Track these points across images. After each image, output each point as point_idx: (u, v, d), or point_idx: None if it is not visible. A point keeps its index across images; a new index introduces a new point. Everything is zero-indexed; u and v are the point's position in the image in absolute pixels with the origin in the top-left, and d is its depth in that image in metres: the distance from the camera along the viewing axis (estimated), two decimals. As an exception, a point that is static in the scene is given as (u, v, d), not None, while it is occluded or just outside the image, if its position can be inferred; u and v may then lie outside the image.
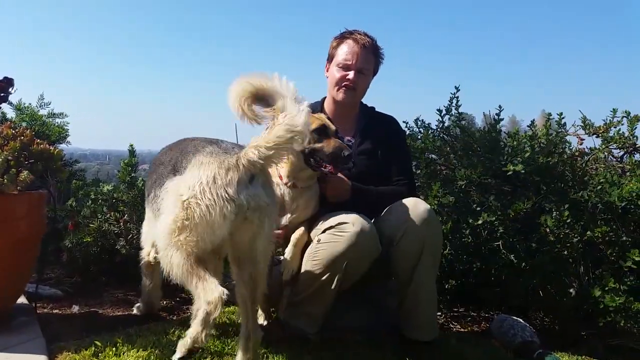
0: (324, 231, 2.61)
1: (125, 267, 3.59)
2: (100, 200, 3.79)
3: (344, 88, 2.95)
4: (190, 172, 2.18)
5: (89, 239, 3.58)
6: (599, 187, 3.04)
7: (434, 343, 2.74)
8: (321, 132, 2.67)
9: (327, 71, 3.07)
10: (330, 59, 3.05)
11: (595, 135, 3.48)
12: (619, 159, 3.56)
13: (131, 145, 3.78)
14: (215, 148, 2.23)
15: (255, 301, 2.37)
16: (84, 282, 3.63)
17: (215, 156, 2.18)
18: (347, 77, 2.92)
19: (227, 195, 2.09)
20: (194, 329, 2.34)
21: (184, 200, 2.11)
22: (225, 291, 2.14)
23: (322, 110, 3.04)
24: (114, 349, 2.42)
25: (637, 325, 2.98)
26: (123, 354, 2.40)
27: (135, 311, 3.15)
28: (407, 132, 3.99)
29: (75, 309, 3.17)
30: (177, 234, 2.13)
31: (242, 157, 2.13)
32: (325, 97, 3.14)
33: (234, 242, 2.28)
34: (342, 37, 3.00)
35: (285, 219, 2.77)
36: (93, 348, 2.41)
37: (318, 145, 2.64)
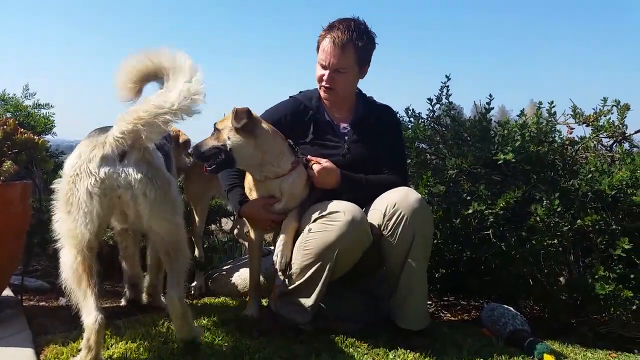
0: (314, 220, 2.59)
1: (113, 258, 3.54)
2: (86, 191, 3.72)
3: (323, 87, 2.94)
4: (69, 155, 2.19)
5: (75, 231, 3.52)
6: (589, 176, 3.05)
7: (425, 332, 2.74)
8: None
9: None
10: (317, 50, 3.01)
11: (585, 124, 3.49)
12: (608, 148, 3.57)
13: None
14: (99, 131, 2.21)
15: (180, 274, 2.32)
16: (71, 274, 3.57)
17: (91, 137, 2.16)
18: (324, 77, 2.90)
19: (88, 171, 2.04)
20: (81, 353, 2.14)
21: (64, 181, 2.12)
22: (100, 318, 2.08)
23: (320, 97, 3.01)
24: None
25: (626, 312, 3.00)
26: (111, 346, 2.37)
27: (122, 302, 3.11)
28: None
29: (62, 301, 3.11)
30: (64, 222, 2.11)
31: (110, 134, 2.08)
32: None
33: (130, 225, 2.33)
34: (325, 32, 2.91)
35: (276, 207, 2.76)
36: (81, 340, 2.36)
37: None
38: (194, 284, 3.57)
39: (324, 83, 2.91)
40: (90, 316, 2.07)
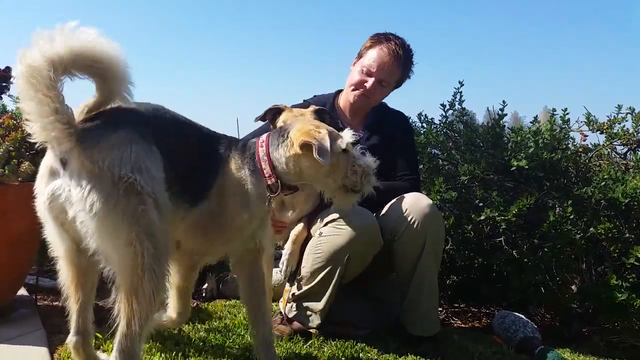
0: (325, 224, 2.61)
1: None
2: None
3: (359, 92, 2.91)
4: None
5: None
6: (603, 184, 3.03)
7: (435, 338, 2.73)
8: None
9: (353, 65, 3.02)
10: (359, 56, 2.99)
11: (599, 132, 3.47)
12: (622, 156, 3.55)
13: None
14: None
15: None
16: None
17: None
18: (365, 83, 2.88)
19: (37, 189, 1.79)
20: None
21: None
22: (73, 342, 1.98)
23: (334, 103, 3.03)
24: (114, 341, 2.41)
25: (639, 322, 2.97)
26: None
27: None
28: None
29: (76, 301, 3.15)
30: None
31: None
32: (340, 90, 3.11)
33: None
34: (377, 40, 2.91)
35: (289, 215, 2.77)
36: (94, 340, 2.39)
37: None
38: (205, 286, 3.60)
39: (364, 90, 2.89)
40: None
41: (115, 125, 1.72)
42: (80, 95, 1.83)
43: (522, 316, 3.05)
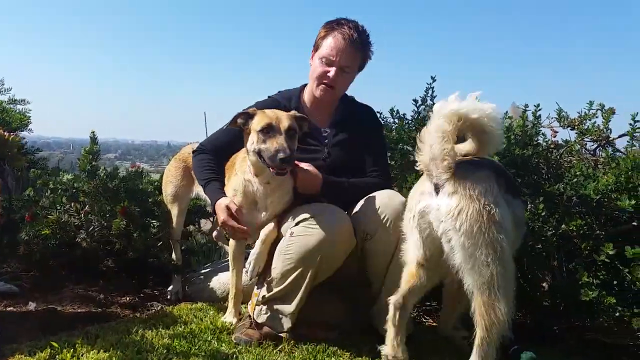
0: (297, 223, 2.52)
1: (86, 261, 3.42)
2: (59, 190, 3.59)
3: (323, 86, 2.82)
4: None
5: (47, 231, 3.38)
6: (575, 180, 3.01)
7: (410, 339, 2.68)
8: (267, 132, 2.54)
9: (312, 59, 2.92)
10: (315, 48, 2.90)
11: (570, 128, 3.46)
12: (592, 152, 3.55)
13: (92, 132, 3.56)
14: None
15: None
16: (42, 277, 3.44)
17: None
18: (328, 74, 2.78)
19: (408, 206, 2.37)
20: None
21: None
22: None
23: (300, 98, 2.92)
24: (71, 350, 2.27)
25: (609, 319, 2.97)
26: (82, 355, 2.25)
27: None
28: (382, 122, 3.90)
29: (32, 306, 2.99)
30: None
31: None
32: (305, 85, 3.01)
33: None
34: (330, 28, 2.83)
35: (261, 216, 2.68)
36: (49, 350, 2.25)
37: (263, 145, 2.53)
38: (170, 288, 3.46)
39: (327, 81, 2.80)
40: None
41: (480, 166, 2.20)
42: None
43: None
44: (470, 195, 2.02)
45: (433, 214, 2.09)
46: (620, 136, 3.38)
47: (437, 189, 2.09)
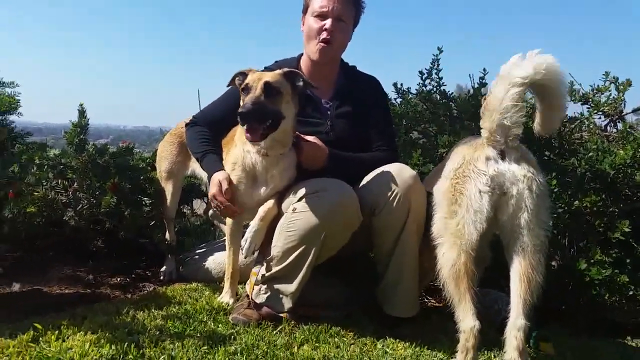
0: (299, 199, 2.36)
1: (75, 241, 3.26)
2: (46, 166, 3.41)
3: (320, 44, 2.64)
4: None
5: (32, 209, 3.19)
6: (590, 154, 2.88)
7: (414, 319, 2.56)
8: (246, 91, 2.38)
9: (303, 24, 2.75)
10: (305, 10, 2.74)
11: (580, 102, 3.32)
12: (603, 128, 3.42)
13: (81, 105, 3.39)
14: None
15: None
16: (27, 257, 3.28)
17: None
18: (325, 26, 2.61)
19: (473, 171, 2.19)
20: None
21: None
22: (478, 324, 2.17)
23: (297, 67, 2.74)
24: (56, 332, 2.10)
25: (622, 298, 2.86)
26: (68, 337, 2.09)
27: None
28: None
29: (16, 287, 2.85)
30: None
31: None
32: (301, 54, 2.83)
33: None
34: None
35: (261, 191, 2.51)
36: (32, 332, 2.08)
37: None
38: (163, 269, 3.30)
39: (325, 34, 2.63)
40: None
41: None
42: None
43: (504, 295, 2.89)
44: (532, 164, 2.18)
45: (508, 176, 2.13)
46: (634, 110, 3.26)
47: (502, 155, 2.15)
